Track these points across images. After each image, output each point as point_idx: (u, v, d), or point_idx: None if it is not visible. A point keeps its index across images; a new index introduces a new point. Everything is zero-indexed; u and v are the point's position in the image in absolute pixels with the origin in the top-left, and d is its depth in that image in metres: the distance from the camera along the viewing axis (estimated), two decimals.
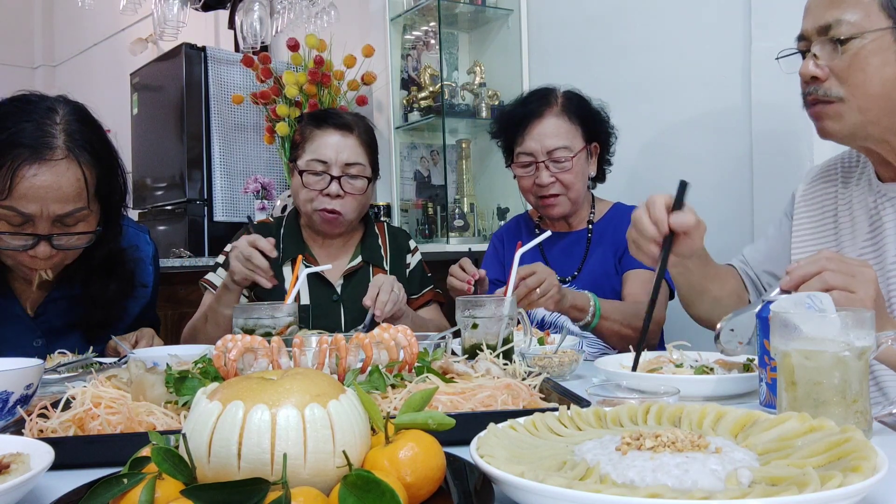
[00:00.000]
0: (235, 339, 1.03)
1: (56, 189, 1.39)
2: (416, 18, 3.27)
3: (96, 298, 1.64)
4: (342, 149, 1.95)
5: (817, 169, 1.58)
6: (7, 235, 1.41)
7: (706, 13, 2.38)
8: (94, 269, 1.61)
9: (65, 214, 1.42)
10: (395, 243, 2.13)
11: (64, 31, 6.28)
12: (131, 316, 1.78)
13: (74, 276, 1.62)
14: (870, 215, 1.40)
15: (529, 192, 2.03)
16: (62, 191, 1.40)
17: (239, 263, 1.73)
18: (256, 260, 1.72)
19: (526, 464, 0.67)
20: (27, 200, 1.37)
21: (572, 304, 1.75)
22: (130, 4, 3.56)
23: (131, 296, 1.73)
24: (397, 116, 3.27)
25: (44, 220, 1.40)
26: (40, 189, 1.37)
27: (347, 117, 2.02)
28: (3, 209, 1.37)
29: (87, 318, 1.67)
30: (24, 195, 1.37)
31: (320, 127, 1.98)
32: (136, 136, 4.00)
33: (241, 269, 1.73)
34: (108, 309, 1.68)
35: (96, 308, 1.66)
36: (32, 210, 1.38)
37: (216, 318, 1.83)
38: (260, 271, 1.72)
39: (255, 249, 1.73)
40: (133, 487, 0.59)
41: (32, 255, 1.44)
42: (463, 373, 1.08)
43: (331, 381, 0.67)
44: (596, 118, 2.06)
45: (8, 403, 1.02)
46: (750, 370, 1.22)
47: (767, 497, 0.56)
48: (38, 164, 1.37)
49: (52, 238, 1.42)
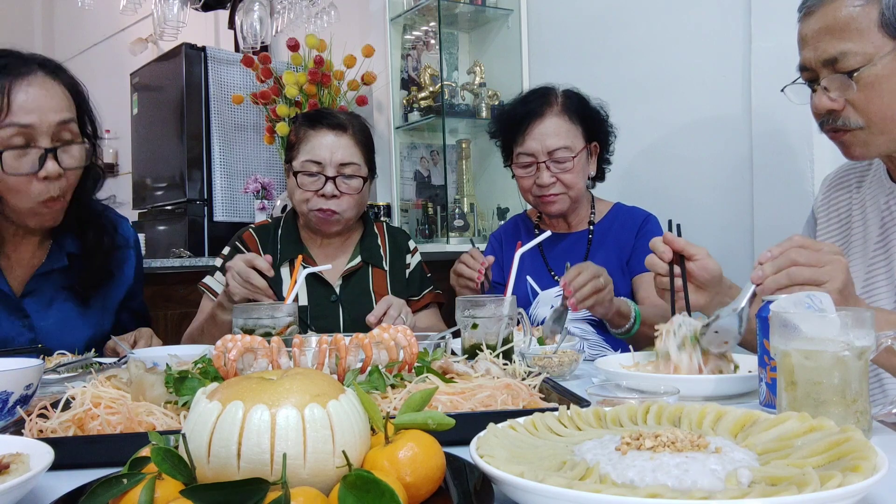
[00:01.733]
0: (235, 339, 1.03)
1: (48, 98, 1.52)
2: (416, 18, 3.27)
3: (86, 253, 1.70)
4: (336, 149, 1.94)
5: (832, 177, 1.58)
6: (13, 155, 1.49)
7: (706, 13, 2.38)
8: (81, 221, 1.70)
9: (61, 123, 1.53)
10: (394, 243, 2.13)
11: (64, 31, 6.28)
12: (118, 288, 1.80)
13: (63, 243, 1.69)
14: (881, 216, 1.40)
15: (529, 192, 2.03)
16: (53, 100, 1.53)
17: (237, 284, 1.71)
18: (255, 281, 1.70)
19: (526, 464, 0.67)
20: (25, 112, 1.48)
21: (617, 308, 1.74)
22: (130, 4, 3.56)
23: (115, 249, 1.77)
24: (397, 116, 3.27)
25: (44, 134, 1.50)
26: (35, 99, 1.50)
27: (341, 117, 2.01)
28: (5, 129, 1.47)
29: (77, 281, 1.70)
30: (21, 108, 1.48)
31: (314, 127, 1.97)
32: (136, 136, 3.99)
33: (240, 289, 1.71)
34: (97, 266, 1.72)
35: (84, 268, 1.70)
36: (32, 120, 1.49)
37: (213, 332, 1.82)
38: (259, 292, 1.70)
39: (252, 270, 1.70)
40: (133, 487, 0.59)
41: (44, 177, 1.51)
42: (463, 373, 1.08)
43: (331, 381, 0.67)
44: (596, 117, 2.05)
45: (8, 403, 1.02)
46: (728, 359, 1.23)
47: (767, 497, 0.56)
48: (26, 80, 1.51)
49: (56, 152, 1.52)
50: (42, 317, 1.66)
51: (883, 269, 1.38)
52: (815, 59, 1.28)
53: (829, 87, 1.27)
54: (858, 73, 1.23)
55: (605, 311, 1.72)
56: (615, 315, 1.75)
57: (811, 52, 1.28)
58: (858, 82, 1.24)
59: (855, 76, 1.24)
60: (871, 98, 1.24)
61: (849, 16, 1.23)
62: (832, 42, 1.25)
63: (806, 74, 1.32)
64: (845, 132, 1.29)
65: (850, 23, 1.23)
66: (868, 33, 1.22)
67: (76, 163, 1.57)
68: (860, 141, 1.29)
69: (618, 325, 1.78)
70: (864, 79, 1.24)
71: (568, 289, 1.63)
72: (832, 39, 1.25)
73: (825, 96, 1.28)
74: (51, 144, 1.51)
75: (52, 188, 1.53)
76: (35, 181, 1.52)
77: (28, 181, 1.51)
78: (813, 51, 1.28)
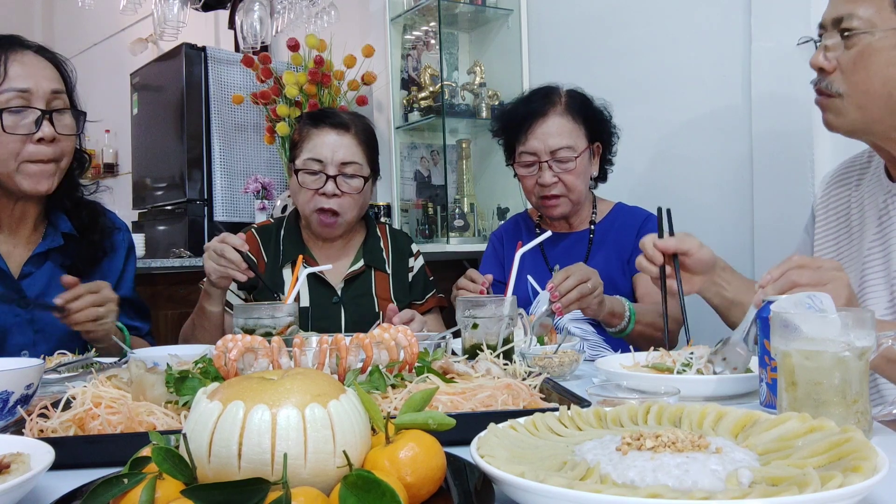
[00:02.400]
0: (235, 339, 1.03)
1: (42, 68, 1.63)
2: (416, 18, 3.27)
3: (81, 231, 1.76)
4: (338, 148, 1.95)
5: (831, 175, 1.58)
6: (12, 116, 1.57)
7: (706, 13, 2.38)
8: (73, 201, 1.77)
9: (54, 92, 1.62)
10: (396, 246, 2.12)
11: (64, 31, 6.27)
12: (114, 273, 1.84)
13: (57, 223, 1.74)
14: (879, 214, 1.40)
15: (532, 193, 2.03)
16: (47, 70, 1.64)
17: (212, 262, 1.73)
18: (229, 253, 1.71)
19: (526, 464, 0.67)
20: (22, 79, 1.59)
21: (610, 309, 1.74)
22: (130, 4, 3.56)
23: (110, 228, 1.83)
24: (397, 116, 3.27)
25: (40, 98, 1.59)
26: (31, 67, 1.61)
27: (344, 116, 2.01)
28: (4, 94, 1.56)
29: (74, 258, 1.74)
30: (18, 74, 1.59)
31: (317, 126, 1.98)
32: (136, 136, 3.99)
33: (215, 266, 1.73)
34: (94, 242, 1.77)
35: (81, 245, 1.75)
36: (29, 85, 1.58)
37: (203, 325, 1.84)
38: (232, 265, 1.71)
39: (226, 244, 1.72)
40: (133, 487, 0.59)
41: (40, 138, 1.59)
42: (463, 373, 1.08)
43: (331, 381, 0.67)
44: (599, 117, 2.05)
45: (8, 403, 1.02)
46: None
47: (767, 497, 0.56)
48: (22, 52, 1.62)
49: (51, 116, 1.60)
50: (38, 298, 1.68)
51: (879, 267, 1.38)
52: (829, 17, 1.29)
53: (829, 45, 1.28)
54: (856, 37, 1.24)
55: (595, 313, 1.73)
56: (608, 315, 1.75)
57: (830, 9, 1.30)
58: (852, 47, 1.25)
59: (849, 37, 1.24)
60: (857, 67, 1.25)
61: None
62: (848, 3, 1.26)
63: (820, 32, 1.33)
64: (827, 97, 1.30)
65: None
66: (880, 5, 1.23)
67: (69, 130, 1.65)
68: (836, 108, 1.29)
69: (612, 325, 1.79)
70: (857, 45, 1.24)
71: (554, 293, 1.64)
72: (849, 1, 1.26)
73: (822, 53, 1.29)
74: (46, 108, 1.60)
75: (46, 151, 1.60)
76: (30, 143, 1.59)
77: (23, 142, 1.58)
78: (831, 8, 1.29)
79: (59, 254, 1.74)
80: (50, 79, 1.63)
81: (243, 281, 1.77)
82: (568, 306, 1.64)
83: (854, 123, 1.30)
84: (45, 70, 1.63)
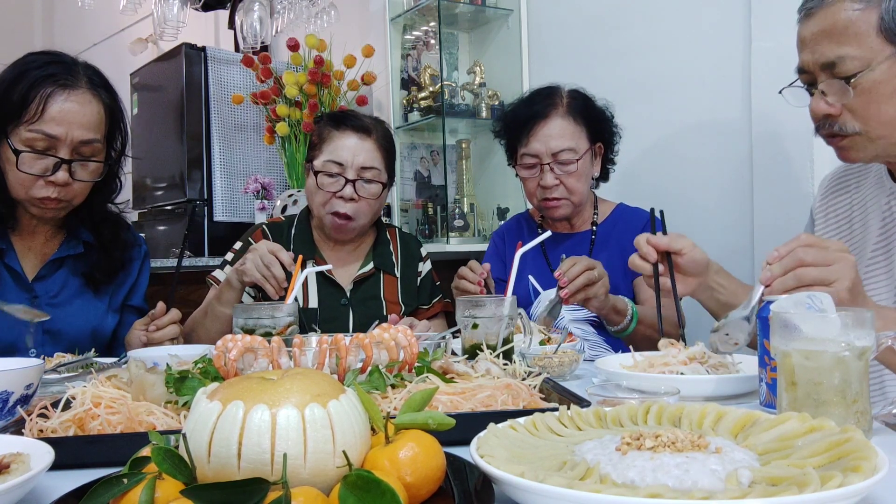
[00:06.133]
0: (235, 339, 1.03)
1: (81, 115, 1.57)
2: (416, 18, 3.27)
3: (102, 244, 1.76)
4: (359, 152, 1.93)
5: (829, 178, 1.58)
6: (31, 157, 1.55)
7: (706, 14, 2.38)
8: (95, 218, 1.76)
9: (84, 142, 1.58)
10: (406, 250, 2.12)
11: (64, 31, 6.27)
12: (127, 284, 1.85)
13: (78, 233, 1.74)
14: (882, 216, 1.40)
15: (534, 195, 2.03)
16: (86, 118, 1.58)
17: (254, 267, 1.72)
18: (276, 270, 1.71)
19: (526, 464, 0.67)
20: (56, 123, 1.55)
21: (613, 305, 1.74)
22: (130, 4, 3.56)
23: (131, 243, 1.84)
24: (397, 116, 3.27)
25: (66, 146, 1.56)
26: (68, 113, 1.56)
27: (367, 120, 2.00)
28: (31, 132, 1.54)
29: (93, 268, 1.74)
30: (53, 118, 1.54)
31: (339, 128, 1.96)
32: (136, 136, 3.98)
33: (256, 273, 1.71)
34: (115, 256, 1.78)
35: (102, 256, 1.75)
36: (58, 132, 1.55)
37: (215, 313, 1.83)
38: (274, 282, 1.71)
39: (276, 259, 1.71)
40: (133, 487, 0.59)
41: (49, 181, 1.57)
42: (463, 373, 1.08)
43: (331, 381, 0.67)
44: (601, 118, 2.04)
45: (8, 403, 1.03)
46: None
47: (767, 497, 0.56)
48: (67, 92, 1.57)
49: (71, 164, 1.57)
50: (50, 299, 1.69)
51: (883, 270, 1.38)
52: (813, 63, 1.27)
53: (826, 91, 1.26)
54: (856, 78, 1.22)
55: (601, 305, 1.73)
56: (611, 311, 1.75)
57: (809, 54, 1.27)
58: (856, 88, 1.23)
59: (852, 82, 1.22)
60: (868, 103, 1.23)
61: (848, 20, 1.22)
62: (831, 46, 1.23)
63: (804, 77, 1.31)
64: (842, 137, 1.29)
65: (849, 27, 1.22)
66: (867, 38, 1.21)
67: (87, 177, 1.63)
68: (857, 145, 1.29)
69: (614, 323, 1.78)
70: (862, 84, 1.22)
71: (563, 279, 1.64)
72: (831, 43, 1.23)
73: (822, 101, 1.27)
74: (69, 157, 1.57)
75: (52, 191, 1.58)
76: (40, 180, 1.57)
77: (34, 179, 1.57)
78: (811, 54, 1.27)
79: (77, 261, 1.74)
80: (86, 127, 1.58)
81: (273, 299, 1.74)
82: (576, 293, 1.65)
83: (875, 152, 1.30)
84: (84, 117, 1.58)
